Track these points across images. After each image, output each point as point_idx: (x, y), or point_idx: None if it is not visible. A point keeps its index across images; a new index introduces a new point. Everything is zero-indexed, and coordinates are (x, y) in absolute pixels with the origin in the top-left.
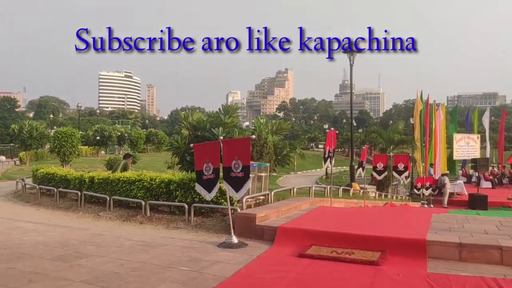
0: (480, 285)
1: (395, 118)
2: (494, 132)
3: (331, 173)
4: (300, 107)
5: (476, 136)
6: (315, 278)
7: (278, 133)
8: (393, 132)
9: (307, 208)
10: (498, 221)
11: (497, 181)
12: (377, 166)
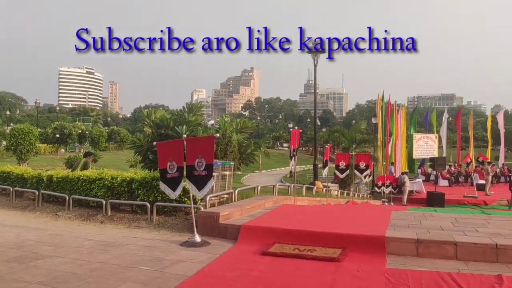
0: (435, 279)
1: (357, 118)
2: (452, 132)
3: (295, 171)
4: (266, 106)
5: (434, 136)
6: (277, 275)
7: (242, 131)
8: (356, 132)
9: (270, 207)
10: (453, 218)
11: (453, 179)
12: (340, 165)
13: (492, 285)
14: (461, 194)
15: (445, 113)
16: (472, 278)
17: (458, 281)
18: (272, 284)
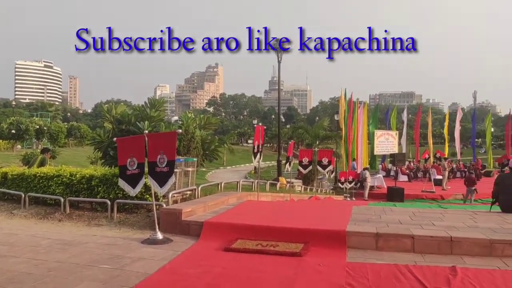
0: (393, 272)
1: (321, 115)
2: (411, 129)
3: (259, 168)
4: (230, 102)
5: (394, 133)
6: (239, 271)
7: (206, 127)
8: (319, 128)
9: (234, 203)
10: (411, 212)
11: (413, 174)
12: (303, 161)
13: (446, 276)
14: (419, 189)
15: (405, 110)
16: (428, 270)
17: (414, 273)
18: (235, 279)
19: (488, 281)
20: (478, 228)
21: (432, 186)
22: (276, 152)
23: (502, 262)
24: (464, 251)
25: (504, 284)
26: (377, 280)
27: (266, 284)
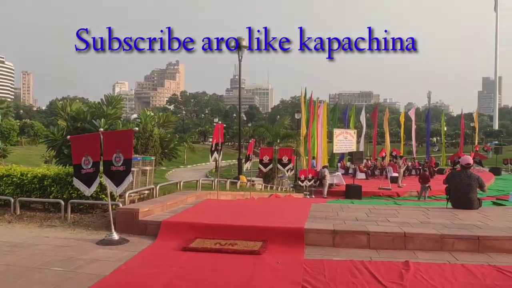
0: (349, 268)
1: (282, 113)
2: (369, 127)
3: (218, 166)
4: (191, 100)
5: (353, 131)
6: (197, 270)
7: (165, 126)
8: (280, 127)
9: (193, 202)
10: (367, 209)
11: (370, 172)
12: (263, 159)
13: (400, 271)
14: (376, 186)
15: (363, 110)
16: (383, 265)
17: (370, 269)
18: (192, 279)
19: (438, 275)
20: (430, 224)
21: (389, 184)
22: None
23: (452, 256)
24: (417, 246)
25: (453, 277)
26: (333, 276)
27: (224, 282)
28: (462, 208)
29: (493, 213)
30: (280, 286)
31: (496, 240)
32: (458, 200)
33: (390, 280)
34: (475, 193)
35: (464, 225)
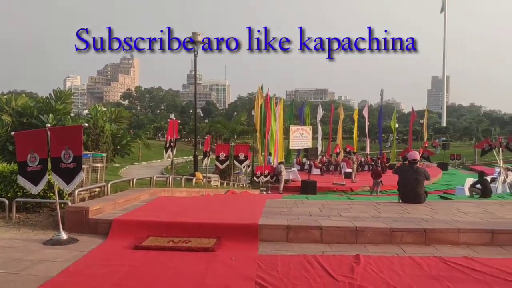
0: (302, 262)
1: (239, 110)
2: (324, 124)
3: (172, 163)
4: (146, 96)
5: (308, 128)
6: (149, 268)
7: (118, 121)
8: (236, 123)
9: (146, 199)
10: (321, 204)
11: (325, 168)
12: (220, 156)
13: (350, 264)
14: (331, 181)
15: (319, 107)
16: (334, 259)
17: (321, 263)
18: (144, 278)
19: (387, 267)
20: (380, 218)
21: (343, 179)
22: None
23: (400, 248)
24: (368, 239)
25: (401, 269)
26: (286, 271)
27: (177, 280)
28: (410, 202)
29: (439, 206)
30: (233, 282)
31: (441, 232)
32: (406, 194)
33: (341, 274)
34: (422, 188)
35: (412, 218)
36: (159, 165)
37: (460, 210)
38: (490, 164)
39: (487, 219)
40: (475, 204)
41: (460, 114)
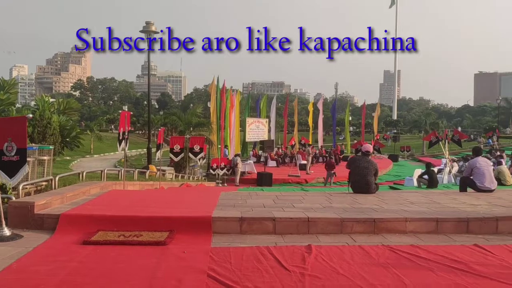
0: (255, 253)
1: (195, 102)
2: (280, 116)
3: (125, 155)
4: (99, 87)
5: (265, 120)
6: (98, 264)
7: (67, 113)
8: (192, 115)
9: (96, 193)
10: (275, 196)
11: (280, 160)
12: (174, 148)
13: (302, 254)
14: (286, 173)
15: (274, 99)
16: (287, 250)
17: (274, 254)
18: (92, 273)
19: (337, 256)
20: (332, 208)
21: (298, 171)
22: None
23: (350, 238)
24: (320, 230)
25: (350, 258)
26: (239, 263)
27: (126, 275)
28: (360, 190)
29: (388, 196)
30: (185, 275)
31: (389, 221)
32: (356, 182)
33: (293, 264)
34: (372, 177)
35: (362, 208)
36: (112, 157)
37: (407, 200)
38: (437, 155)
39: (432, 208)
40: (422, 194)
41: (410, 108)
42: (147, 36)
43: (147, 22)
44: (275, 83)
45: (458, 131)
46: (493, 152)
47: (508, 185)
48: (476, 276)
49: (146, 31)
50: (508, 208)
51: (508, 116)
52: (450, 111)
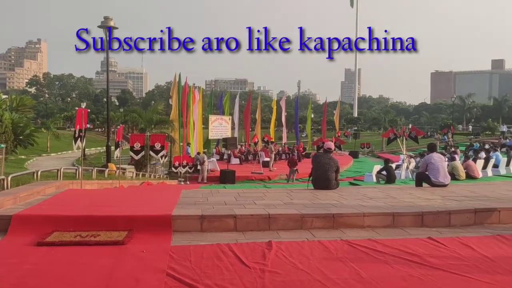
0: (215, 251)
1: (157, 99)
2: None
3: (83, 154)
4: (56, 83)
5: (228, 118)
6: (53, 266)
7: (20, 110)
8: (153, 113)
9: (52, 193)
10: (237, 193)
11: (244, 157)
12: (135, 146)
13: (263, 250)
14: (249, 171)
15: (237, 96)
16: (247, 246)
17: (235, 251)
18: (46, 276)
19: (297, 252)
20: (293, 205)
21: (261, 168)
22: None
23: (310, 233)
24: (280, 226)
25: (310, 253)
26: (199, 261)
27: (82, 276)
28: (321, 186)
29: (348, 192)
30: (143, 275)
31: (348, 216)
32: (318, 177)
33: (253, 261)
34: (333, 173)
35: (322, 204)
36: (70, 156)
37: (366, 195)
38: (396, 152)
39: (389, 203)
40: (379, 190)
41: (370, 105)
42: (105, 31)
43: (105, 17)
44: (238, 80)
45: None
46: (448, 148)
47: (461, 179)
48: (429, 267)
49: (103, 26)
50: (460, 202)
51: (462, 114)
52: (408, 108)
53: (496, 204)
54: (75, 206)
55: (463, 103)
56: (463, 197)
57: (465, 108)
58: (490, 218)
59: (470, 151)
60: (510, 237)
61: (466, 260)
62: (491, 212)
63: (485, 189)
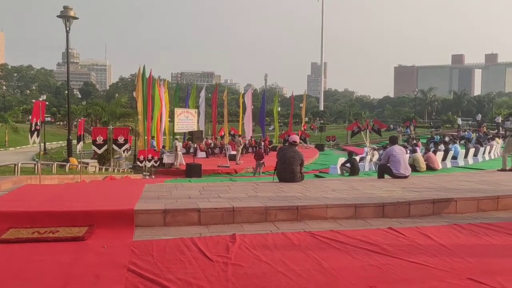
0: (178, 245)
1: (121, 91)
2: (209, 107)
3: (41, 148)
4: (14, 75)
5: (194, 111)
6: (8, 263)
7: None
8: (116, 106)
9: (8, 188)
10: (201, 187)
11: (210, 151)
12: (97, 140)
13: (226, 244)
14: (216, 164)
15: (203, 89)
16: (211, 240)
17: (198, 244)
18: (2, 274)
19: (261, 244)
20: (257, 198)
21: (227, 161)
22: None
23: (274, 226)
24: (244, 219)
25: (273, 245)
26: (161, 256)
27: (40, 274)
28: (286, 179)
29: (312, 184)
30: (104, 270)
31: (311, 208)
32: (282, 170)
33: (217, 254)
34: (298, 166)
35: (286, 197)
36: (30, 150)
37: (329, 187)
38: (360, 144)
39: (352, 195)
40: (343, 181)
41: (336, 99)
42: (65, 20)
43: (65, 6)
44: (205, 73)
45: (378, 121)
46: (410, 140)
47: (422, 171)
48: (388, 257)
49: (64, 16)
50: (419, 192)
51: (424, 107)
52: (373, 102)
53: (453, 194)
54: (33, 201)
55: (425, 97)
56: (423, 188)
57: (426, 102)
58: (448, 208)
59: (431, 143)
60: (466, 226)
61: (424, 249)
62: (448, 202)
63: (444, 180)
